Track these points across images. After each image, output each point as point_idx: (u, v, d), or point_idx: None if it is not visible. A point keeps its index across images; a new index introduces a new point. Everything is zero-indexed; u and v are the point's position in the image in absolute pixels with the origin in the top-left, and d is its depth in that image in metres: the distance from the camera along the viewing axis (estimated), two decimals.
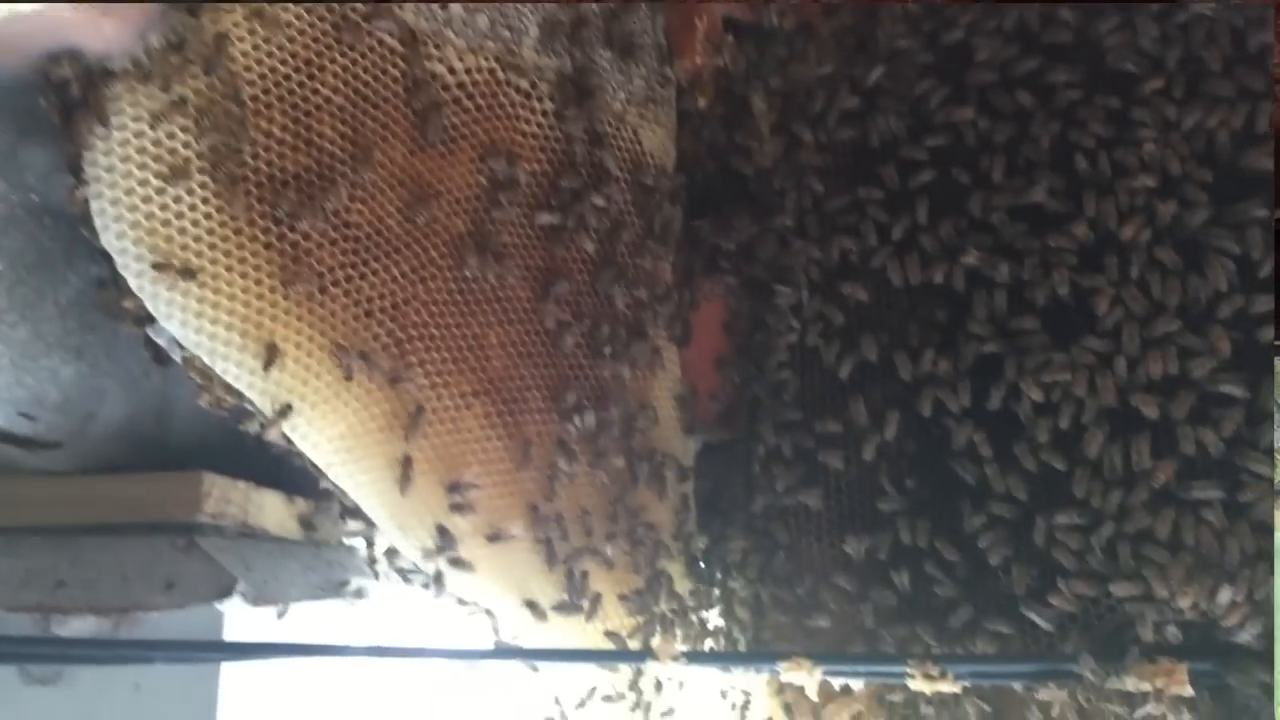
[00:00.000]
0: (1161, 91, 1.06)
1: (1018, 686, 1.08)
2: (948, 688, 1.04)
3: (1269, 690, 0.98)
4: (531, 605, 1.11)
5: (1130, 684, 1.00)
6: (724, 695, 1.24)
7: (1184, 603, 0.99)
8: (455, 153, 1.10)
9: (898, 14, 1.18)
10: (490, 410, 1.09)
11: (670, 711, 1.21)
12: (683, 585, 1.23)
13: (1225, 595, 0.98)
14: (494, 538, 1.07)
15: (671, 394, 1.26)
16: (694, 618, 1.23)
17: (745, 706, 1.22)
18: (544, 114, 1.15)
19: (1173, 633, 1.01)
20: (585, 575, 1.14)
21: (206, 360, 0.96)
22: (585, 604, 1.14)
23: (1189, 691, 0.99)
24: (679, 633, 1.22)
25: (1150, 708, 1.01)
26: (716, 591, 1.24)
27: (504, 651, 1.09)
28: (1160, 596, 1.01)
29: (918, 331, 1.15)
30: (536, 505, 1.11)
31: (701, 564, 1.25)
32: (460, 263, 1.07)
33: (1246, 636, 0.98)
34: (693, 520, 1.25)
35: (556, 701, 1.20)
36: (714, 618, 1.24)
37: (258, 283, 0.97)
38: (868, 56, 1.20)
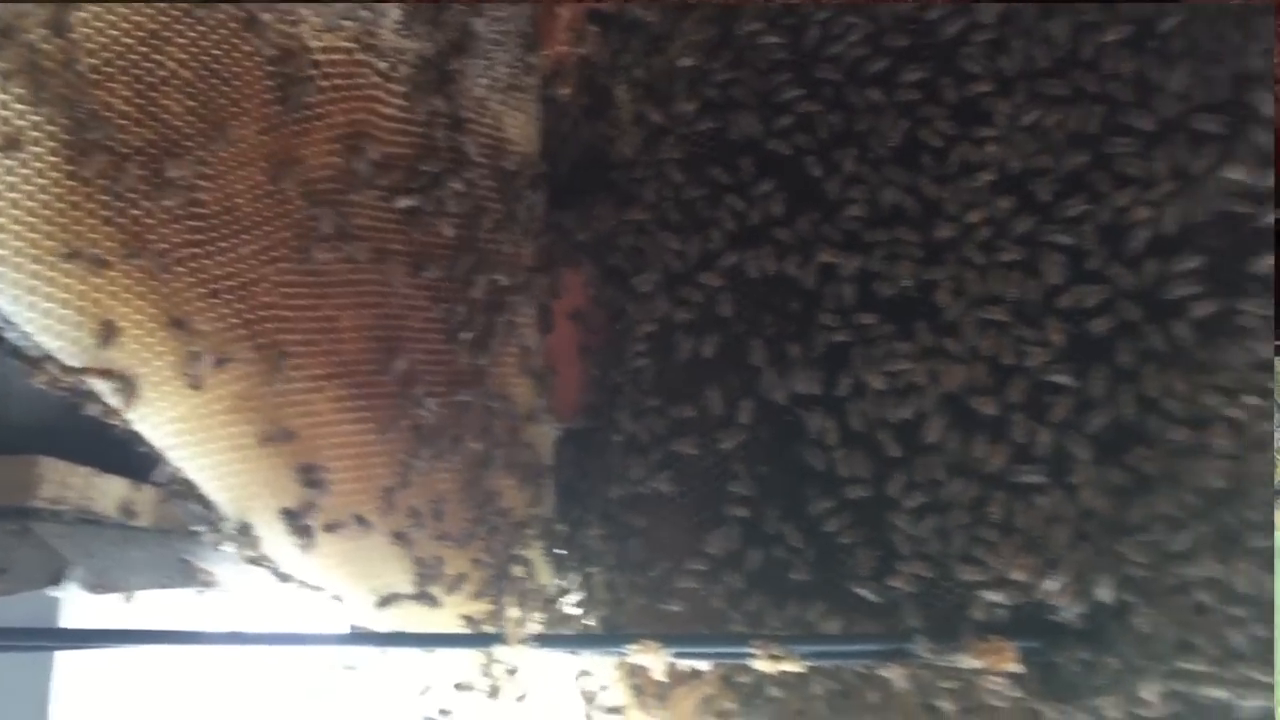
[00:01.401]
0: (1000, 92, 1.09)
1: (859, 665, 1.11)
2: (791, 667, 1.07)
3: (1089, 666, 1.02)
4: (382, 591, 1.10)
5: (963, 661, 1.04)
6: (579, 681, 1.25)
7: (1015, 579, 1.03)
8: (309, 133, 1.08)
9: (757, 10, 1.20)
10: (343, 394, 1.09)
11: (524, 697, 1.22)
12: (540, 572, 1.23)
13: (1052, 577, 1.02)
14: (344, 523, 1.06)
15: (531, 381, 1.26)
16: (551, 604, 1.23)
17: (598, 693, 1.23)
18: (403, 97, 1.14)
19: (1003, 612, 1.05)
20: (439, 561, 1.14)
21: (40, 338, 0.93)
22: (438, 590, 1.14)
23: (1017, 668, 1.03)
24: (536, 618, 1.22)
25: (981, 682, 1.05)
26: (574, 578, 1.25)
27: (352, 637, 1.09)
28: (991, 577, 1.05)
29: (772, 321, 1.17)
30: (389, 490, 1.11)
31: (560, 550, 1.26)
32: (312, 245, 1.06)
33: (1071, 616, 1.02)
34: (551, 507, 1.26)
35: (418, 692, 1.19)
36: (571, 604, 1.25)
37: (95, 259, 0.94)
38: (728, 51, 1.21)
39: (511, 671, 1.18)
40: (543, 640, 1.07)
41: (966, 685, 1.08)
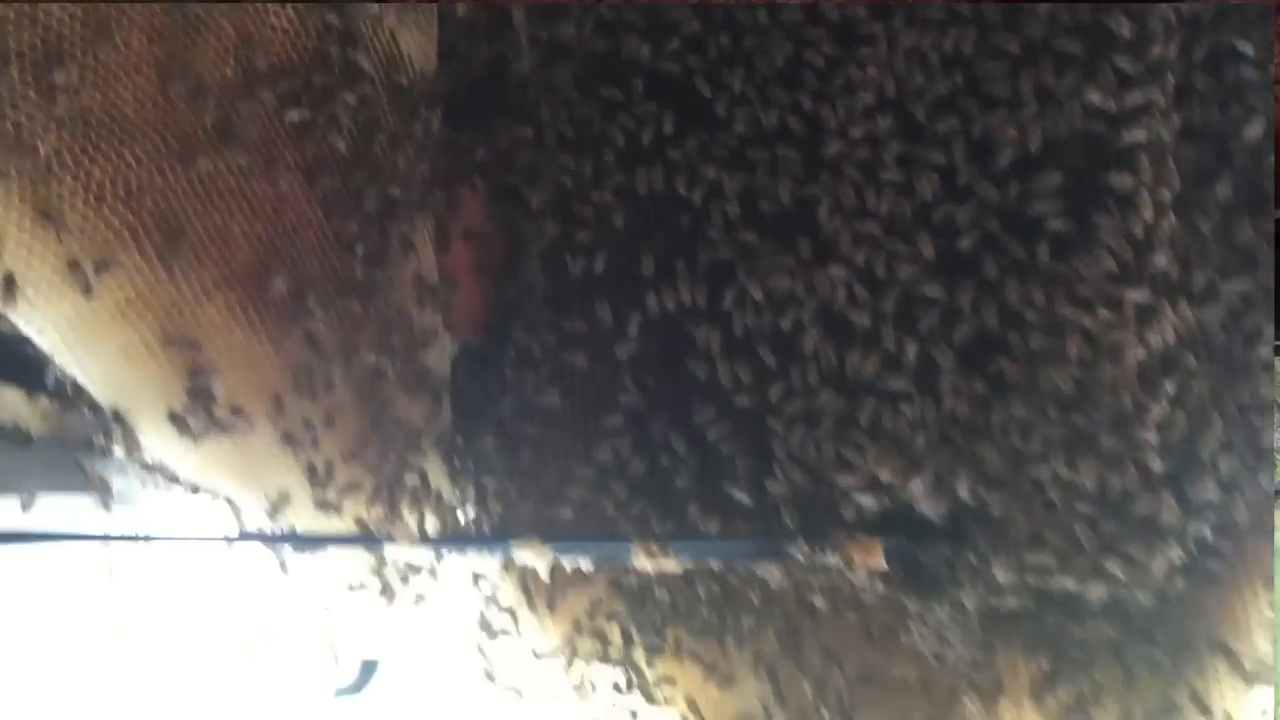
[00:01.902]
0: (879, 16, 1.13)
1: (738, 566, 1.16)
2: (670, 566, 1.11)
3: (950, 561, 1.08)
4: (273, 496, 1.13)
5: (833, 559, 1.09)
6: (475, 584, 1.29)
7: (883, 481, 1.08)
8: (199, 43, 1.09)
9: None
10: (233, 303, 1.10)
11: (421, 599, 1.25)
12: (435, 480, 1.26)
13: (916, 478, 1.07)
14: (232, 425, 1.09)
15: (427, 296, 1.28)
16: (445, 511, 1.27)
17: (492, 596, 1.27)
18: (295, 9, 1.15)
19: (872, 513, 1.10)
20: (331, 467, 1.16)
21: None
22: (330, 495, 1.17)
23: (883, 565, 1.09)
24: (431, 524, 1.25)
25: (851, 579, 1.11)
26: (468, 487, 1.28)
27: (244, 536, 1.11)
28: (860, 480, 1.10)
29: (661, 237, 1.21)
30: (280, 396, 1.13)
31: (454, 460, 1.29)
32: (199, 153, 1.07)
33: (934, 515, 1.08)
34: (447, 420, 1.28)
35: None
36: (465, 512, 1.28)
37: None
38: None
39: (405, 574, 1.22)
40: (431, 540, 1.11)
41: (838, 583, 1.14)
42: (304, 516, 1.16)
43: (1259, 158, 1.06)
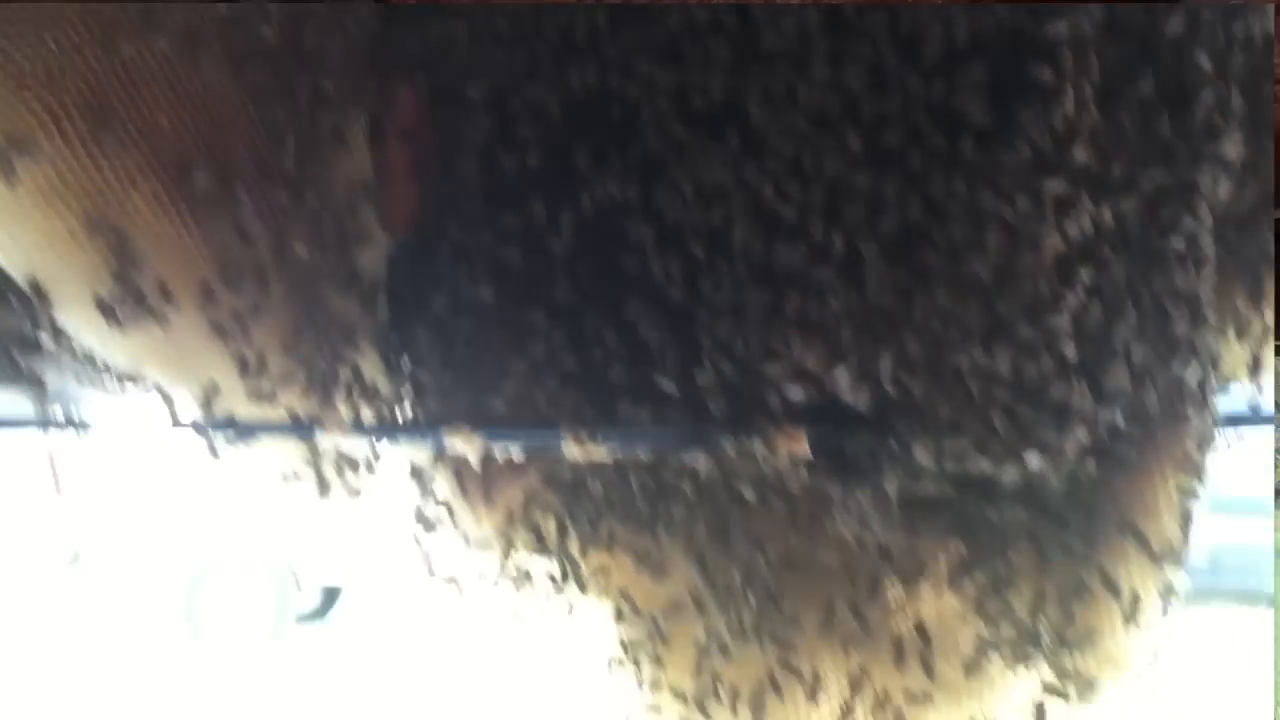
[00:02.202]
0: None
1: (667, 458, 1.18)
2: (600, 456, 1.13)
3: (875, 452, 1.11)
4: (204, 385, 1.13)
5: (760, 449, 1.12)
6: (412, 478, 1.30)
7: (808, 371, 1.10)
8: None
9: None
10: (160, 191, 1.10)
11: (356, 493, 1.27)
12: (370, 373, 1.27)
13: (840, 368, 1.09)
14: (160, 313, 1.09)
15: (362, 191, 1.28)
16: (379, 404, 1.28)
17: (428, 490, 1.29)
18: None
19: (797, 403, 1.12)
20: (263, 358, 1.17)
21: None
22: (265, 386, 1.18)
23: (808, 454, 1.11)
24: (366, 417, 1.26)
25: (777, 468, 1.13)
26: (403, 381, 1.29)
27: (177, 424, 1.12)
28: (787, 371, 1.12)
29: (595, 133, 1.21)
30: (210, 287, 1.13)
31: (390, 355, 1.30)
32: (123, 38, 1.06)
33: (858, 404, 1.10)
34: (382, 313, 1.29)
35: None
36: (402, 406, 1.29)
37: None
38: None
39: (340, 467, 1.23)
40: (363, 429, 1.12)
41: (765, 472, 1.16)
42: (238, 409, 1.17)
43: (1178, 54, 1.07)
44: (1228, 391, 1.11)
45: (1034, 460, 1.03)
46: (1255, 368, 1.08)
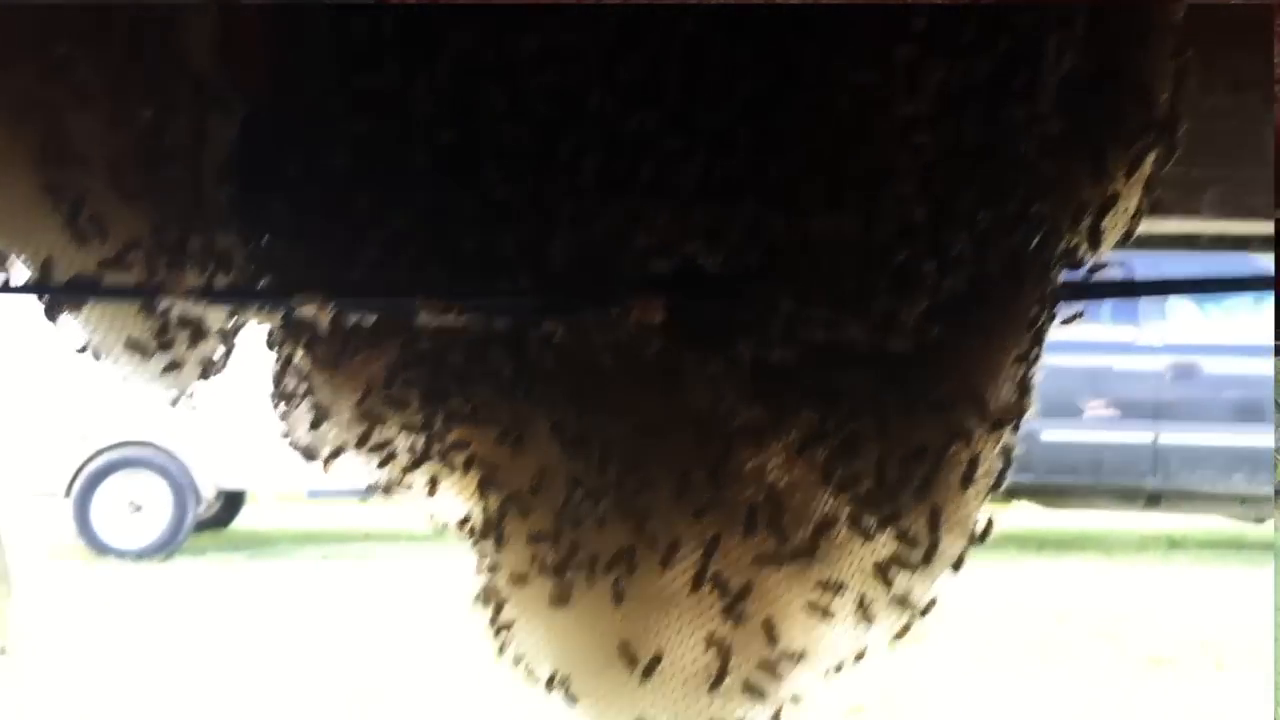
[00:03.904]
0: None
1: (526, 328, 1.18)
2: (457, 324, 1.12)
3: (727, 319, 1.11)
4: (42, 252, 1.10)
5: (616, 316, 1.12)
6: (271, 349, 1.28)
7: (663, 239, 1.10)
8: None
9: None
10: None
11: (210, 365, 1.24)
12: (222, 242, 1.24)
13: (694, 235, 1.10)
14: None
15: (210, 53, 1.23)
16: (234, 274, 1.25)
17: (288, 362, 1.27)
18: None
19: (652, 269, 1.12)
20: (103, 225, 1.13)
21: None
22: (109, 253, 1.14)
23: (663, 320, 1.11)
24: (219, 282, 1.23)
25: (633, 335, 1.13)
26: (257, 250, 1.26)
27: (10, 289, 1.08)
28: (642, 239, 1.11)
29: None
30: (45, 148, 1.08)
31: (243, 223, 1.26)
32: None
33: (711, 269, 1.11)
34: (234, 181, 1.25)
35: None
36: (255, 275, 1.26)
37: None
38: None
39: (193, 337, 1.20)
40: (209, 295, 1.10)
41: (622, 340, 1.16)
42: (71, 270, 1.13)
43: None
44: (1076, 259, 1.13)
45: (878, 325, 1.04)
46: (1094, 238, 1.10)
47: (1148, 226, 1.22)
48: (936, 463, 1.10)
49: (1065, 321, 1.14)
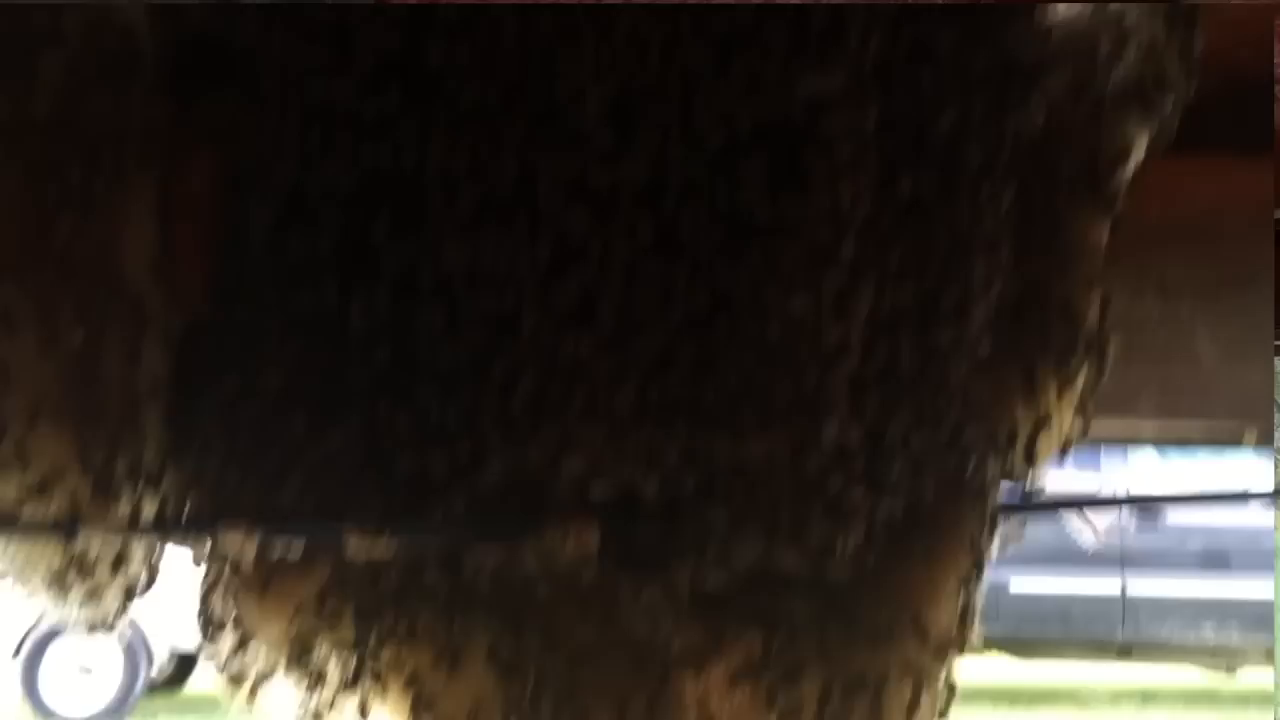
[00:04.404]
0: None
1: (460, 550, 1.15)
2: (386, 552, 1.10)
3: (663, 546, 1.09)
4: None
5: (550, 542, 1.10)
6: (196, 571, 1.24)
7: (598, 463, 1.09)
8: None
9: None
10: None
11: (138, 591, 1.21)
12: (150, 463, 1.22)
13: (630, 460, 1.08)
14: None
15: (148, 266, 1.23)
16: (162, 497, 1.22)
17: (214, 585, 1.23)
18: None
19: (587, 494, 1.11)
20: (27, 450, 1.11)
21: None
22: (33, 480, 1.11)
23: (598, 547, 1.09)
24: (147, 510, 1.21)
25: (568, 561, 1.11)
26: (188, 469, 1.24)
27: None
28: (577, 463, 1.10)
29: (388, 214, 1.18)
30: None
31: (174, 443, 1.24)
32: None
33: (648, 495, 1.09)
34: (167, 398, 1.24)
35: None
36: (183, 496, 1.24)
37: None
38: None
39: (116, 564, 1.17)
40: (133, 526, 1.07)
41: (556, 566, 1.14)
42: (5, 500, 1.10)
43: (951, 148, 1.10)
44: (1012, 479, 1.12)
45: (813, 554, 1.03)
46: (1029, 458, 1.10)
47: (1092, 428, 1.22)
48: (879, 693, 1.07)
49: (1005, 544, 1.13)
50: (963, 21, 1.11)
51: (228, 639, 1.24)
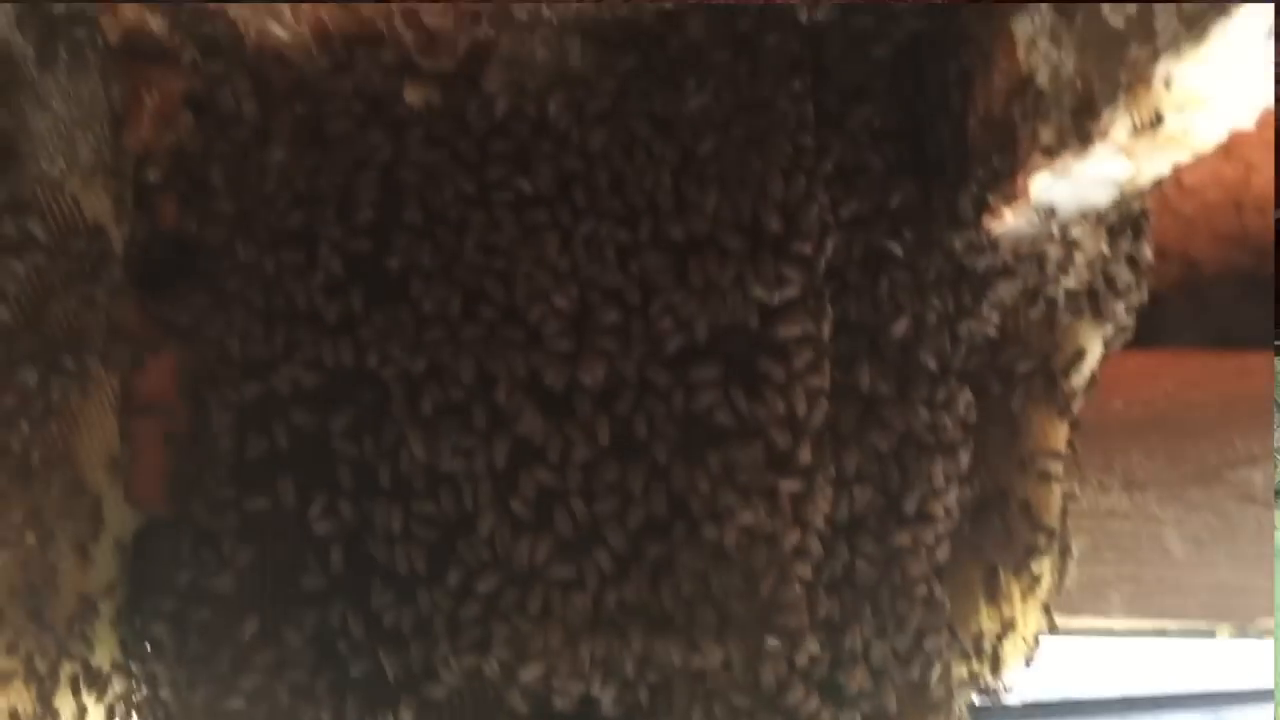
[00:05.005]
0: (561, 198, 1.16)
1: None
2: None
3: None
4: None
5: None
6: None
7: (551, 672, 1.07)
8: None
9: (343, 107, 1.22)
10: None
11: None
12: (101, 665, 1.19)
13: (585, 667, 1.06)
14: None
15: (107, 463, 1.22)
16: (113, 701, 1.19)
17: None
18: None
19: (541, 701, 1.08)
20: None
21: None
22: None
23: None
24: (97, 711, 1.17)
25: None
26: (139, 671, 1.21)
27: None
28: (531, 671, 1.08)
29: (349, 413, 1.18)
30: None
31: (126, 644, 1.22)
32: None
33: (607, 705, 1.06)
34: (121, 597, 1.22)
35: None
36: (135, 699, 1.21)
37: None
38: (316, 148, 1.23)
39: None
40: None
41: None
42: None
43: (907, 352, 1.11)
44: (978, 688, 1.10)
45: None
46: (995, 664, 1.08)
47: (1061, 624, 1.20)
48: None
49: None
50: (915, 229, 1.13)
51: None
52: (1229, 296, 1.46)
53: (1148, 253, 1.13)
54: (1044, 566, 1.12)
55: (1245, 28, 0.72)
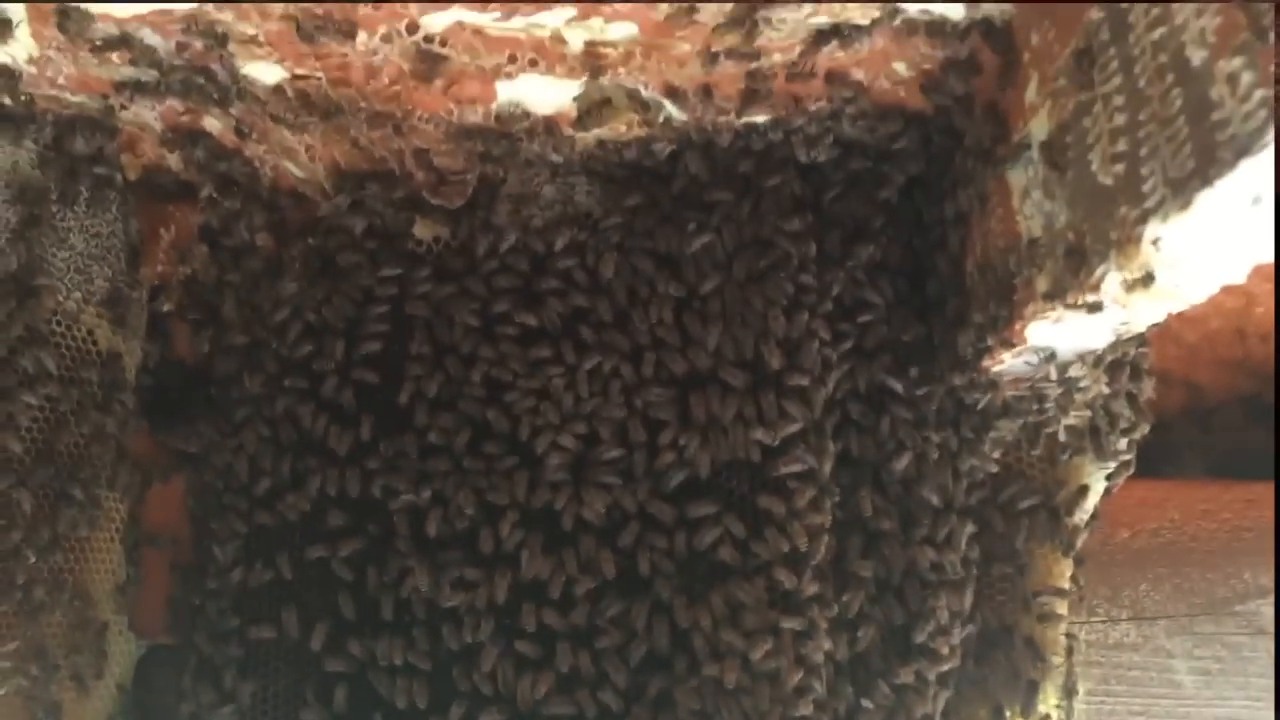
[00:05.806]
0: (567, 334, 1.17)
1: None
2: None
3: None
4: None
5: None
6: None
7: None
8: None
9: (353, 243, 1.25)
10: None
11: None
12: None
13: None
14: None
15: (112, 593, 1.22)
16: None
17: None
18: None
19: None
20: None
21: None
22: None
23: None
24: None
25: None
26: None
27: None
28: None
29: (351, 543, 1.19)
30: None
31: None
32: None
33: None
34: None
35: None
36: None
37: None
38: (327, 280, 1.25)
39: None
40: None
41: None
42: None
43: (909, 488, 1.11)
44: None
45: None
46: None
47: None
48: None
49: None
50: (916, 365, 1.14)
51: None
52: (1234, 421, 1.46)
53: (1148, 389, 1.13)
54: (1049, 704, 1.11)
55: (1229, 196, 0.74)
